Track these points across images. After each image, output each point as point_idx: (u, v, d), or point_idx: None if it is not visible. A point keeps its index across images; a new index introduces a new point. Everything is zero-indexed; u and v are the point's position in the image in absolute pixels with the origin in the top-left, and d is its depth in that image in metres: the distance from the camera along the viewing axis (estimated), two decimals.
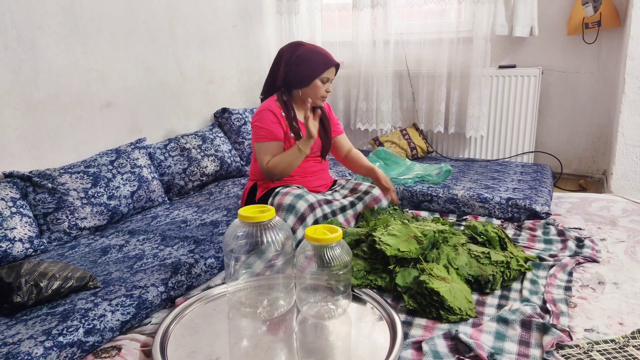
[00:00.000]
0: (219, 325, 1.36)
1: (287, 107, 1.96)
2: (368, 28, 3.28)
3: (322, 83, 1.92)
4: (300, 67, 1.90)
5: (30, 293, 1.35)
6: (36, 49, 2.01)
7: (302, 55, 1.90)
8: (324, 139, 2.04)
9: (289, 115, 1.95)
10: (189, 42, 2.81)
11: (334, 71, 1.94)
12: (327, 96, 1.97)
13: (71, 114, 2.18)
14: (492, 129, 3.22)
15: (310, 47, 1.94)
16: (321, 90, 1.92)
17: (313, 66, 1.89)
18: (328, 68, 1.90)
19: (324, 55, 1.92)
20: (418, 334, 1.30)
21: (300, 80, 1.91)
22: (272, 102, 1.96)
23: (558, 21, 3.01)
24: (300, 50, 1.91)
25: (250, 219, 1.28)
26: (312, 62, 1.89)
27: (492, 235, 1.69)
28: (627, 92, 2.58)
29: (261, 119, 1.92)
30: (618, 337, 1.24)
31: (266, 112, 1.92)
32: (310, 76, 1.90)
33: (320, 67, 1.89)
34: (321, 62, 1.90)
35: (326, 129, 2.05)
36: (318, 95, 1.93)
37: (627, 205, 2.20)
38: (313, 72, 1.89)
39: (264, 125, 1.91)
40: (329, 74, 1.92)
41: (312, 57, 1.90)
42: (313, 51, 1.92)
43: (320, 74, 1.90)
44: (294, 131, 1.95)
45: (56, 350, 1.18)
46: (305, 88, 1.92)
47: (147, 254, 1.71)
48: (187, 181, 2.50)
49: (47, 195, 1.91)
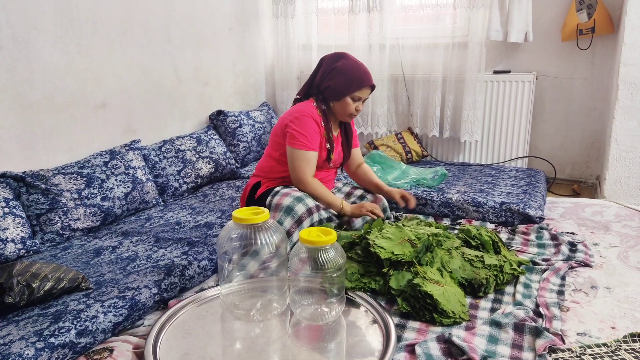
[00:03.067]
0: (212, 328, 1.36)
1: (326, 118, 1.92)
2: (364, 32, 3.29)
3: (353, 101, 1.88)
4: (335, 79, 1.86)
5: (22, 294, 1.33)
6: (31, 49, 2.01)
7: (339, 68, 1.86)
8: (346, 152, 2.04)
9: (327, 126, 1.92)
10: (185, 44, 2.81)
11: (368, 91, 1.90)
12: (356, 114, 1.93)
13: (66, 114, 2.17)
14: (486, 134, 3.23)
15: (351, 62, 1.88)
16: (350, 108, 1.88)
17: (347, 82, 1.84)
18: (362, 87, 1.86)
19: (362, 73, 1.86)
20: (411, 337, 1.30)
21: (332, 93, 1.87)
22: (313, 109, 1.90)
23: (552, 27, 3.03)
24: (340, 63, 1.87)
25: (244, 221, 1.28)
26: (348, 77, 1.85)
27: (486, 239, 1.70)
28: (621, 98, 2.61)
29: (304, 126, 1.85)
30: (610, 341, 1.25)
31: (309, 119, 1.86)
32: (342, 92, 1.85)
33: (354, 84, 1.85)
34: (357, 80, 1.84)
35: (349, 142, 2.05)
36: (347, 112, 1.90)
37: (620, 211, 2.22)
38: (346, 88, 1.85)
39: (307, 133, 1.84)
40: (361, 94, 1.87)
41: (350, 73, 1.85)
42: (352, 67, 1.86)
43: (353, 92, 1.85)
44: (330, 143, 1.92)
45: (47, 352, 1.17)
46: (336, 102, 1.89)
47: (140, 256, 1.71)
48: (181, 183, 2.50)
49: (40, 196, 1.90)
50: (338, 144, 2.01)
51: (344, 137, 2.03)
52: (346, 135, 2.04)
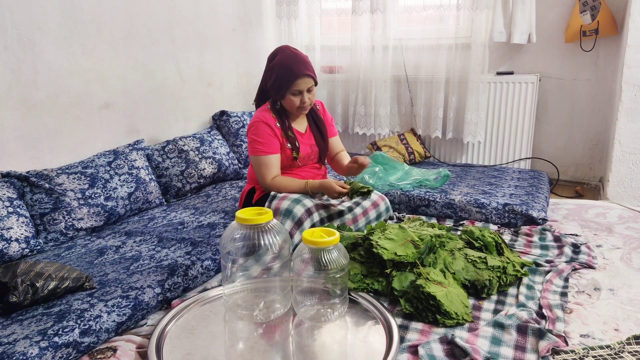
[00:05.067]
0: (215, 328, 1.36)
1: (281, 117, 1.92)
2: (367, 33, 3.30)
3: (294, 95, 1.84)
4: (272, 78, 1.85)
5: (26, 293, 1.34)
6: (35, 50, 2.02)
7: (274, 67, 1.84)
8: (321, 144, 2.02)
9: (283, 126, 1.91)
10: (188, 45, 2.82)
11: (307, 81, 1.82)
12: (307, 107, 1.89)
13: (69, 114, 2.18)
14: (489, 135, 3.23)
15: (285, 55, 1.83)
16: (295, 102, 1.85)
17: (281, 79, 1.81)
18: (296, 80, 1.80)
19: (294, 65, 1.80)
20: (414, 338, 1.30)
21: (275, 93, 1.87)
22: (266, 113, 1.91)
23: (556, 29, 3.03)
24: (275, 60, 1.84)
25: (247, 222, 1.28)
26: (280, 74, 1.81)
27: (489, 241, 1.70)
28: (624, 99, 2.60)
29: (258, 133, 1.87)
30: (613, 343, 1.25)
31: (261, 124, 1.87)
32: (280, 89, 1.83)
33: (288, 80, 1.80)
34: (288, 74, 1.79)
35: (322, 134, 2.04)
36: (294, 108, 1.88)
37: (624, 212, 2.21)
38: (282, 85, 1.82)
39: (261, 139, 1.87)
40: (299, 86, 1.81)
41: (281, 69, 1.81)
42: (283, 62, 1.81)
43: (289, 87, 1.81)
44: (290, 141, 1.92)
45: (51, 351, 1.17)
46: (282, 100, 1.88)
47: (143, 256, 1.71)
48: (184, 183, 2.50)
49: (44, 196, 1.90)
50: (307, 138, 1.99)
51: (316, 130, 2.00)
52: (318, 128, 2.01)
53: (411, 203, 2.38)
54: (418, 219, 2.00)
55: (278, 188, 1.88)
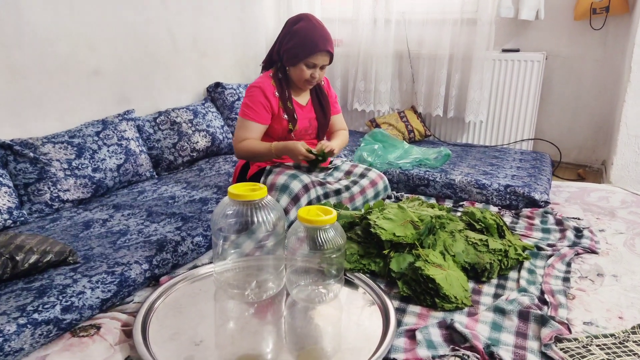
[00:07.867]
0: (204, 306, 1.31)
1: (282, 87, 1.85)
2: (369, 5, 3.18)
3: (308, 68, 1.79)
4: (290, 43, 1.78)
5: (5, 267, 1.27)
6: (20, 9, 1.90)
7: (295, 32, 1.77)
8: (322, 119, 1.95)
9: (282, 95, 1.85)
10: (182, 11, 2.69)
11: (325, 58, 1.78)
12: (314, 83, 1.84)
13: (56, 80, 2.07)
14: (492, 115, 3.15)
15: (309, 24, 1.77)
16: (305, 74, 1.80)
17: (301, 46, 1.75)
18: (315, 53, 1.75)
19: (318, 38, 1.74)
20: (412, 322, 1.25)
21: (288, 58, 1.80)
22: (267, 80, 1.85)
23: (565, 5, 2.92)
24: (297, 26, 1.78)
25: (240, 197, 1.21)
26: (302, 41, 1.75)
27: (491, 223, 1.64)
28: (633, 80, 2.52)
29: (250, 97, 1.82)
30: (618, 332, 1.20)
31: (257, 90, 1.82)
32: (296, 56, 1.77)
33: (307, 49, 1.75)
34: (310, 44, 1.74)
35: (324, 109, 1.96)
36: (302, 80, 1.82)
37: (627, 197, 2.16)
38: (299, 52, 1.76)
39: (252, 104, 1.81)
40: (316, 60, 1.77)
41: (305, 36, 1.75)
42: (308, 30, 1.76)
43: (306, 58, 1.76)
44: (287, 112, 1.85)
45: (30, 328, 1.11)
46: (292, 67, 1.82)
47: (131, 230, 1.64)
48: (176, 156, 2.42)
49: (28, 165, 1.82)
50: (307, 112, 1.92)
51: (318, 105, 1.94)
52: (320, 103, 1.95)
53: (410, 182, 2.31)
54: (417, 199, 1.94)
55: (245, 149, 1.81)
